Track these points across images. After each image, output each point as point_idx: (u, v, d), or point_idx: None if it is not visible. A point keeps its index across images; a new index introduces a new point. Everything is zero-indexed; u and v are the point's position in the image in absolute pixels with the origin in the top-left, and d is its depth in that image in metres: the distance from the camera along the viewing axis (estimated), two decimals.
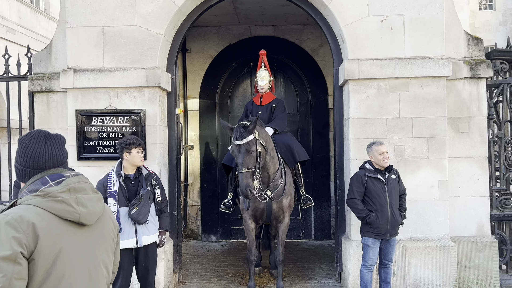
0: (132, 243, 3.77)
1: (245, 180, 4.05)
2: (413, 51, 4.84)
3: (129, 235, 3.75)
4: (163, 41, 5.01)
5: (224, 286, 5.33)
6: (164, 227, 4.02)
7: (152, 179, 3.92)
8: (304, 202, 5.07)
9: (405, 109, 4.84)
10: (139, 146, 3.84)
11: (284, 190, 4.61)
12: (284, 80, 7.90)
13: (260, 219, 4.75)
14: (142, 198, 3.75)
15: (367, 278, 4.28)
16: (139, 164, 3.89)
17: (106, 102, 4.97)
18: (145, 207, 3.75)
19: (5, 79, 5.40)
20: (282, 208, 4.65)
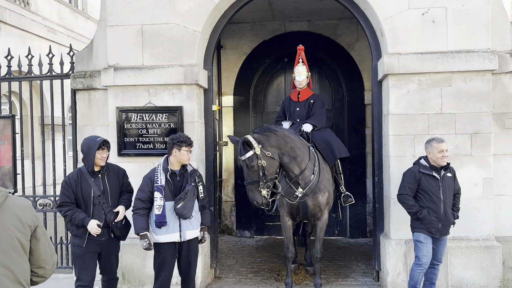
0: (176, 237, 3.84)
1: (250, 193, 4.23)
2: (456, 45, 4.68)
3: (173, 229, 3.82)
4: (200, 38, 5.05)
5: (260, 282, 5.35)
6: (206, 223, 4.08)
7: (196, 175, 4.00)
8: (345, 199, 5.01)
9: (447, 105, 4.69)
10: (189, 145, 3.94)
11: (317, 186, 4.55)
12: (318, 76, 7.81)
13: (297, 216, 4.73)
14: (188, 193, 3.82)
15: (418, 278, 4.16)
16: (186, 162, 3.97)
17: (145, 99, 5.06)
18: (190, 202, 3.83)
19: (49, 77, 5.59)
20: (319, 205, 4.60)
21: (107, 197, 3.83)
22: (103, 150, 3.78)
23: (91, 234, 3.71)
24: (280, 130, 4.54)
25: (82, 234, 3.74)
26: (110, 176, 3.90)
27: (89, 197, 3.75)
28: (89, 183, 3.76)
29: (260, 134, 4.32)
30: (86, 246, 3.74)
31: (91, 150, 3.72)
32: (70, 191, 3.74)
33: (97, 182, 3.82)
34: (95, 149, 3.71)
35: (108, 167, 3.94)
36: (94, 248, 3.80)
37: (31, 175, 5.73)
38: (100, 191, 3.79)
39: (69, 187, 3.75)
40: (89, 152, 3.73)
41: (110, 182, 3.88)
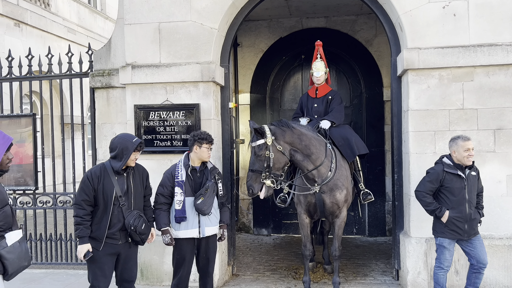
0: (195, 233, 3.84)
1: (249, 180, 4.18)
2: (478, 38, 4.55)
3: (193, 225, 3.82)
4: (217, 35, 5.04)
5: (277, 280, 5.32)
6: (225, 221, 4.04)
7: (216, 173, 3.99)
8: (364, 197, 4.93)
9: (469, 100, 4.57)
10: (210, 143, 3.91)
11: (334, 183, 4.49)
12: (336, 72, 7.73)
13: (314, 214, 4.67)
14: (208, 189, 3.82)
15: (443, 281, 4.05)
16: (206, 159, 3.95)
17: (163, 97, 5.08)
18: (210, 198, 3.82)
19: (68, 76, 5.66)
20: (337, 203, 4.54)
21: (129, 198, 3.56)
22: (138, 152, 3.55)
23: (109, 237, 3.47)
24: (298, 127, 4.49)
25: (99, 236, 3.46)
26: (135, 176, 3.65)
27: (110, 197, 3.46)
28: (112, 181, 3.48)
29: (277, 127, 4.30)
30: (102, 249, 3.48)
31: (127, 151, 3.45)
32: (91, 188, 3.44)
33: (121, 181, 3.54)
34: (131, 150, 3.45)
35: (134, 167, 3.66)
36: (110, 252, 3.52)
37: (51, 173, 5.82)
38: (122, 191, 3.52)
39: (90, 183, 3.45)
40: (124, 153, 3.45)
41: (134, 183, 3.61)
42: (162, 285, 5.07)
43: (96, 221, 3.48)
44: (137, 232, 3.52)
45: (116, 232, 3.49)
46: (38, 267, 5.82)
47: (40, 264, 5.86)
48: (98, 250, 3.47)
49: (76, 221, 3.45)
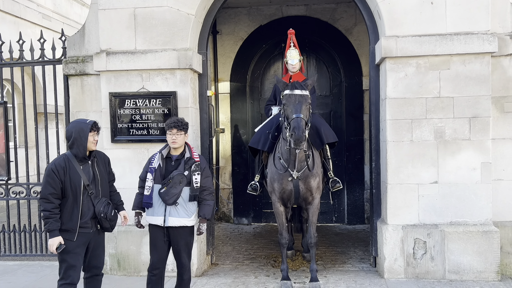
0: (160, 221, 3.78)
1: (302, 126, 3.94)
2: (455, 27, 4.57)
3: (158, 212, 3.79)
4: (194, 21, 4.94)
5: (256, 268, 5.32)
6: (203, 215, 3.89)
7: (192, 164, 3.82)
8: (333, 184, 4.92)
9: (445, 88, 4.60)
10: (173, 128, 3.78)
11: (311, 171, 4.49)
12: (316, 61, 7.71)
13: (288, 201, 4.66)
14: (171, 179, 3.73)
15: None
16: (171, 145, 3.84)
17: (139, 84, 4.97)
18: (174, 189, 3.72)
19: (41, 63, 5.49)
20: (310, 190, 4.54)
21: (97, 186, 3.53)
22: (94, 133, 3.49)
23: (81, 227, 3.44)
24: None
25: (72, 227, 3.40)
26: (99, 163, 3.61)
27: (78, 187, 3.40)
28: (78, 171, 3.43)
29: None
30: (76, 240, 3.42)
31: (83, 133, 3.39)
32: (57, 181, 3.35)
33: (86, 169, 3.49)
34: (87, 131, 3.40)
35: (96, 154, 3.63)
36: (83, 241, 3.48)
37: (25, 163, 5.66)
38: (89, 179, 3.47)
39: (56, 176, 3.35)
40: (81, 136, 3.39)
41: (99, 170, 3.58)
42: (139, 275, 5.01)
43: (67, 213, 3.41)
44: (107, 218, 3.54)
45: (88, 221, 3.47)
46: (12, 259, 5.69)
47: (14, 256, 5.72)
48: (73, 241, 3.41)
49: (44, 215, 3.37)
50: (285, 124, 4.15)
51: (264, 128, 4.98)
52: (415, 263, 4.65)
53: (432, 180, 4.64)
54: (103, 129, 5.05)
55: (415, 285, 4.50)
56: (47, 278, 5.03)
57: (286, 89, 4.24)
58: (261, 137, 4.88)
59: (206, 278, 4.96)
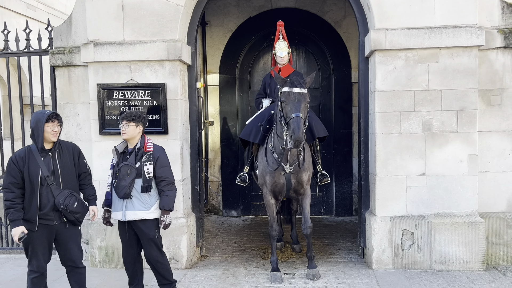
0: (120, 215, 3.78)
1: (301, 126, 3.93)
2: (444, 20, 4.61)
3: (118, 207, 3.79)
4: (183, 12, 4.89)
5: (246, 260, 5.34)
6: (162, 206, 3.80)
7: (143, 154, 3.76)
8: (321, 178, 4.95)
9: (434, 81, 4.65)
10: (125, 120, 3.77)
11: (303, 165, 4.51)
12: (305, 54, 7.70)
13: (279, 194, 4.68)
14: (118, 172, 3.71)
15: None
16: (125, 137, 3.80)
17: (127, 76, 4.92)
18: (123, 181, 3.68)
19: (27, 53, 5.39)
20: (301, 183, 4.57)
21: (57, 178, 3.50)
22: (53, 123, 3.45)
23: (42, 218, 3.46)
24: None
25: (32, 217, 3.44)
26: (62, 154, 3.58)
27: (36, 178, 3.41)
28: (38, 162, 3.44)
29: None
30: (37, 231, 3.46)
31: (40, 123, 3.39)
32: (17, 170, 3.40)
33: (47, 161, 3.48)
34: (43, 121, 3.39)
35: (61, 144, 3.62)
36: (45, 234, 3.51)
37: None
38: (49, 171, 3.46)
39: (15, 166, 3.41)
40: (38, 126, 3.40)
41: (62, 162, 3.55)
42: None
43: (27, 203, 3.45)
44: (68, 211, 3.50)
45: (49, 212, 3.47)
46: None
47: (1, 250, 5.66)
48: (34, 231, 3.46)
49: (6, 205, 3.41)
50: (283, 122, 4.10)
51: (255, 121, 4.98)
52: (402, 254, 4.72)
53: (420, 172, 4.70)
54: (91, 121, 5.01)
55: (403, 276, 4.57)
56: None
57: (285, 86, 4.17)
58: (253, 129, 4.87)
59: (196, 270, 4.97)
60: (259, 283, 4.53)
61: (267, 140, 4.67)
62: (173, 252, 4.96)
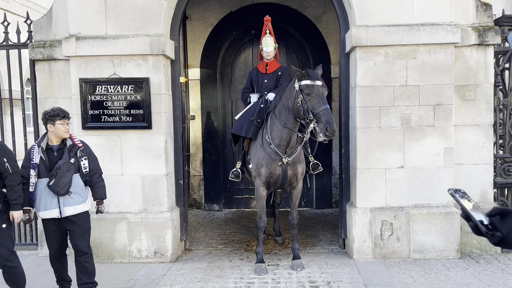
0: (55, 213, 3.75)
1: (333, 117, 4.12)
2: (422, 18, 4.76)
3: (51, 205, 3.74)
4: (166, 7, 4.90)
5: (230, 252, 5.42)
6: (100, 197, 3.97)
7: (77, 150, 3.81)
8: (314, 167, 5.08)
9: (412, 77, 4.80)
10: (64, 118, 3.75)
11: (298, 156, 4.65)
12: (286, 49, 7.79)
13: (273, 185, 4.78)
14: (59, 169, 3.68)
15: None
16: (64, 136, 3.79)
17: (110, 70, 4.89)
18: (64, 178, 3.69)
19: (5, 47, 5.29)
20: (296, 175, 4.69)
21: None
22: None
23: None
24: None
25: None
26: None
27: None
28: None
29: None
30: None
31: None
32: None
33: None
34: None
35: None
36: None
37: None
38: None
39: None
40: None
41: None
42: (113, 262, 5.01)
43: None
44: None
45: None
46: None
47: None
48: None
49: None
50: (310, 116, 4.15)
51: (246, 115, 5.02)
52: (382, 244, 4.89)
53: (398, 165, 4.86)
54: (73, 115, 4.97)
55: (383, 265, 4.74)
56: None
57: (305, 79, 4.25)
58: (244, 124, 4.92)
59: (181, 263, 5.02)
60: (244, 274, 4.62)
61: (262, 133, 4.74)
62: (158, 246, 5.00)
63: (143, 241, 4.99)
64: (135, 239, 4.98)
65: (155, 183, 4.99)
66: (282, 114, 4.52)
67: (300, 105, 4.27)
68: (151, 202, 5.01)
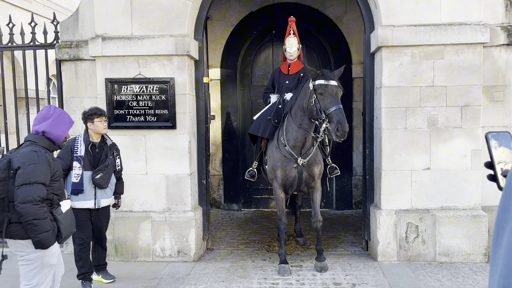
0: (91, 204, 4.12)
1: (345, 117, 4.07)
2: (449, 17, 4.69)
3: (89, 196, 4.08)
4: (191, 7, 4.91)
5: (252, 253, 5.42)
6: (120, 192, 4.41)
7: (115, 149, 4.24)
8: (330, 171, 5.03)
9: (439, 77, 4.74)
10: (101, 115, 4.09)
11: (314, 157, 4.60)
12: (307, 49, 7.74)
13: (290, 188, 4.74)
14: (108, 166, 4.09)
15: None
16: (103, 132, 4.14)
17: (135, 70, 4.93)
18: (109, 174, 4.13)
19: (32, 47, 5.36)
20: (313, 176, 4.64)
21: None
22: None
23: None
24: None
25: None
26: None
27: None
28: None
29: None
30: None
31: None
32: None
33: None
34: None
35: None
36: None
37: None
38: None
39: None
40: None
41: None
42: (137, 261, 5.05)
43: None
44: None
45: None
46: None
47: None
48: None
49: None
50: (322, 115, 4.12)
51: (264, 116, 5.02)
52: (407, 247, 4.83)
53: (424, 167, 4.80)
54: None
55: (408, 268, 4.69)
56: None
57: (319, 78, 4.21)
58: (261, 124, 4.92)
59: (204, 263, 5.03)
60: (267, 275, 4.61)
61: (278, 134, 4.72)
62: (181, 245, 5.02)
63: (167, 240, 5.02)
64: (158, 238, 5.01)
65: (179, 182, 5.01)
66: (298, 114, 4.49)
67: (313, 104, 4.25)
68: (175, 201, 5.04)
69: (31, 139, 2.94)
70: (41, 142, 2.93)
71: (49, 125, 2.95)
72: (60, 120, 3.00)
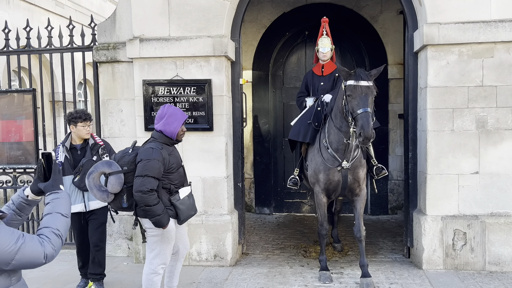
0: (80, 208, 4.04)
1: (370, 122, 3.73)
2: (500, 13, 4.46)
3: (76, 201, 4.01)
4: (229, 7, 4.83)
5: (288, 258, 5.28)
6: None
7: (99, 148, 4.11)
8: (377, 172, 4.79)
9: (488, 77, 4.51)
10: (85, 120, 4.03)
11: (359, 160, 4.41)
12: (340, 50, 7.57)
13: (333, 192, 4.57)
14: (82, 167, 3.96)
15: None
16: (85, 137, 4.08)
17: (172, 72, 4.88)
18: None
19: (70, 49, 5.38)
20: (358, 180, 4.45)
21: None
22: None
23: None
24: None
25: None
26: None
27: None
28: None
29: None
30: None
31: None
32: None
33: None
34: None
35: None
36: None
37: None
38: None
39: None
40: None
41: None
42: None
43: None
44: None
45: None
46: None
47: None
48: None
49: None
50: (350, 118, 3.95)
51: (302, 120, 4.86)
52: (454, 254, 4.60)
53: (473, 171, 4.57)
54: (136, 117, 4.99)
55: (456, 277, 4.46)
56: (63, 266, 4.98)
57: (350, 79, 4.01)
58: (301, 129, 4.76)
59: (241, 268, 4.92)
60: (308, 282, 4.46)
61: (319, 137, 4.57)
62: (218, 249, 4.92)
63: (203, 244, 4.93)
64: (195, 241, 4.93)
65: (215, 185, 4.92)
66: (337, 117, 4.30)
67: (343, 106, 4.08)
68: (211, 204, 4.95)
69: (153, 136, 3.34)
70: (160, 139, 3.31)
71: (163, 124, 3.29)
72: (172, 118, 3.29)
